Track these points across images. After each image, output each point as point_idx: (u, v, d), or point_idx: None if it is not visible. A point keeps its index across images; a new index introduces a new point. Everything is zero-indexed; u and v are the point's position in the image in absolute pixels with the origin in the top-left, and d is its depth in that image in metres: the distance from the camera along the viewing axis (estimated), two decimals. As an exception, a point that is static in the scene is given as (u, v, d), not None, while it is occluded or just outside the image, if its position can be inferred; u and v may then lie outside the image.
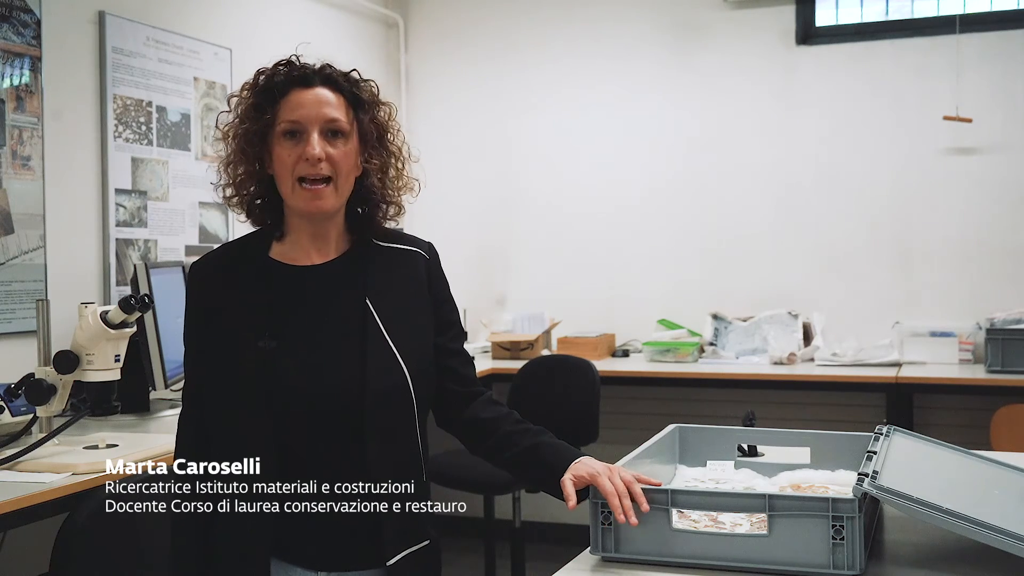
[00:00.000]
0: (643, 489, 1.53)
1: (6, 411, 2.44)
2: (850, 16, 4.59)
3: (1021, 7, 4.34)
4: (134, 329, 2.37)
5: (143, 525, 2.27)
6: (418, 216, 5.09)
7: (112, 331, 2.28)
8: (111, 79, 3.39)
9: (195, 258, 4.20)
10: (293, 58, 1.62)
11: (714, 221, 4.69)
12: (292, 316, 1.59)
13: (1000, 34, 4.29)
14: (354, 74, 1.64)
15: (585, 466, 1.58)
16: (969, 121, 4.20)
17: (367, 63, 5.04)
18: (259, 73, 1.61)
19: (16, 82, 3.04)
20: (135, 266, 2.98)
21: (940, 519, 1.42)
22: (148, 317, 2.85)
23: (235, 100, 1.62)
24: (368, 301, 1.61)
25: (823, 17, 4.60)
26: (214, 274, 1.64)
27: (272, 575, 1.56)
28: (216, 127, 1.66)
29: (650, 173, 4.78)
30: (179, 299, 3.29)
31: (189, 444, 1.62)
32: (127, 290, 3.28)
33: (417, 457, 1.63)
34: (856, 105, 4.49)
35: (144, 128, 3.54)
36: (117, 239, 3.42)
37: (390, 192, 1.67)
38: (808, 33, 4.58)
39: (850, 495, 1.43)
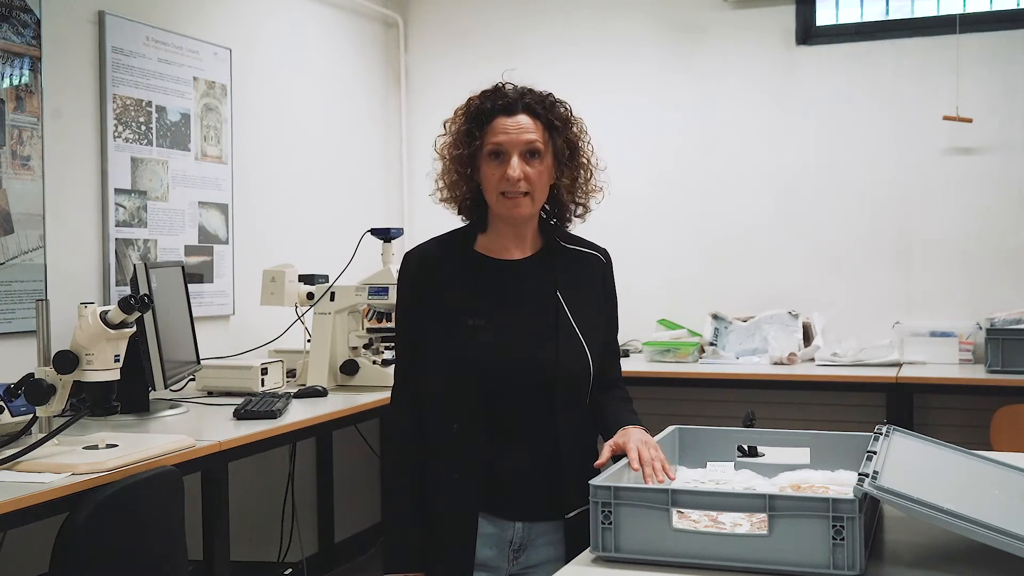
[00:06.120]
0: (643, 489, 1.58)
1: (6, 411, 2.44)
2: (850, 16, 4.59)
3: (1021, 7, 4.34)
4: (134, 329, 2.37)
5: (143, 525, 2.28)
6: (419, 216, 5.10)
7: (112, 331, 2.28)
8: (111, 79, 3.39)
9: (195, 258, 4.20)
10: (499, 85, 1.95)
11: (714, 221, 4.69)
12: (496, 302, 1.91)
13: (1000, 34, 4.28)
14: (550, 99, 1.95)
15: (622, 435, 1.85)
16: (969, 121, 4.20)
17: (367, 63, 5.05)
18: (470, 101, 1.95)
19: (16, 82, 3.04)
20: (135, 266, 2.98)
21: (940, 519, 1.42)
22: (148, 317, 2.85)
23: (450, 123, 1.97)
24: (559, 294, 1.93)
25: (823, 17, 4.60)
26: (429, 262, 1.94)
27: (479, 524, 1.85)
28: (434, 148, 2.00)
29: (650, 172, 4.77)
30: (179, 299, 3.30)
31: (407, 408, 1.92)
32: (127, 290, 3.28)
33: (591, 427, 1.97)
34: (856, 105, 4.49)
35: (144, 128, 3.54)
36: (117, 239, 3.42)
37: (579, 197, 1.99)
38: (808, 33, 4.58)
39: (850, 495, 1.43)
